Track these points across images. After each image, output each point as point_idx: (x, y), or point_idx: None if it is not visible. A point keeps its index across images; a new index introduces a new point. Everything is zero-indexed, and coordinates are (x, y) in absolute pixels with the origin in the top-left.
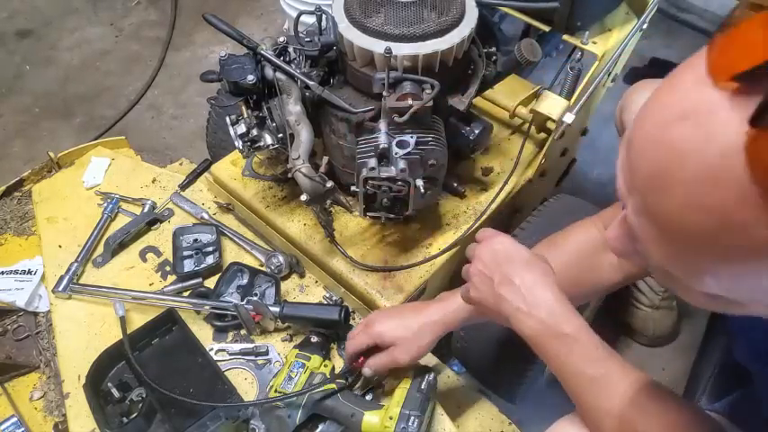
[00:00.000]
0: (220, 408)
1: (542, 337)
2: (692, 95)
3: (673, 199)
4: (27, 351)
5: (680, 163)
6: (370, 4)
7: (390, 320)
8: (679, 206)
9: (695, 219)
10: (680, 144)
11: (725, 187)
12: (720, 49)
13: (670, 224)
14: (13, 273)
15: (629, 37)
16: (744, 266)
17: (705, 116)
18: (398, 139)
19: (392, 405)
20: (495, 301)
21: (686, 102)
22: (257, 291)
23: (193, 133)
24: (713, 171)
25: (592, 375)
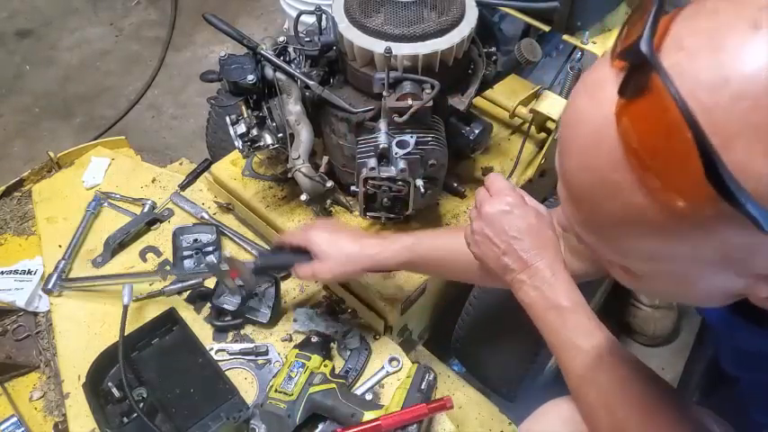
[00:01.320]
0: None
1: (540, 307)
2: (596, 71)
3: (571, 160)
4: (27, 351)
5: (576, 128)
6: (370, 4)
7: (327, 235)
8: (574, 167)
9: (584, 178)
10: (577, 112)
11: (605, 150)
12: (620, 33)
13: (570, 185)
14: (13, 273)
15: None
16: (627, 231)
17: (598, 88)
18: (398, 139)
19: (392, 405)
20: (498, 265)
21: (591, 76)
22: (257, 290)
23: (193, 133)
24: (598, 135)
25: (583, 347)
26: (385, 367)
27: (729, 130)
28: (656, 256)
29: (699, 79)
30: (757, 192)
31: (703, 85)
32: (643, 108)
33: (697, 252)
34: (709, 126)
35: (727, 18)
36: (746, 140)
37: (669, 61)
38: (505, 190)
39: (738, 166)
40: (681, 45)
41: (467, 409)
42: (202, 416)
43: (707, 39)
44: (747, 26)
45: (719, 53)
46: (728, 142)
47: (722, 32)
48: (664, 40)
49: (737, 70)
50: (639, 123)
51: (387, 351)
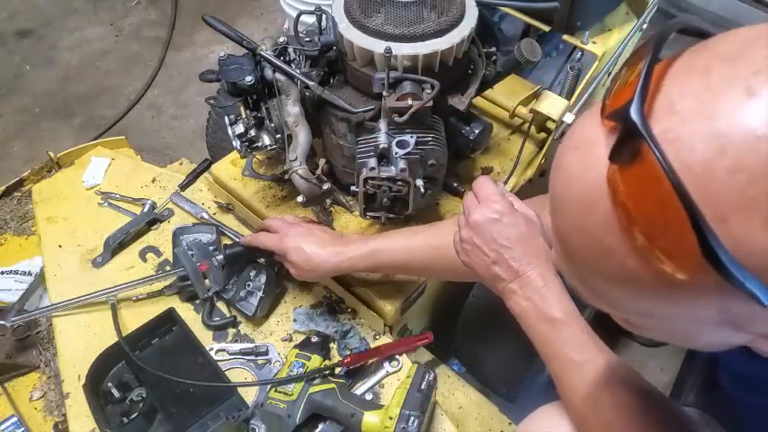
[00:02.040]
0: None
1: (532, 318)
2: (586, 128)
3: (564, 219)
4: (27, 351)
5: (568, 188)
6: (370, 4)
7: (299, 242)
8: (567, 227)
9: (578, 238)
10: (569, 170)
11: (598, 213)
12: (611, 90)
13: (564, 243)
14: (13, 273)
15: (629, 37)
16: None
17: (589, 147)
18: (398, 139)
19: (392, 405)
20: (488, 275)
21: (581, 133)
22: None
23: (193, 133)
24: (590, 197)
25: (575, 360)
26: (385, 367)
27: (726, 204)
28: (652, 315)
29: (693, 149)
30: (756, 266)
31: (698, 155)
32: (635, 175)
33: (696, 314)
34: (705, 198)
35: (721, 80)
36: (744, 214)
37: (661, 126)
38: (494, 196)
39: (735, 239)
40: (673, 108)
41: (467, 409)
42: (202, 415)
43: (700, 103)
44: (741, 92)
45: (714, 120)
46: (725, 215)
47: (716, 97)
48: (655, 100)
49: (733, 141)
50: (632, 190)
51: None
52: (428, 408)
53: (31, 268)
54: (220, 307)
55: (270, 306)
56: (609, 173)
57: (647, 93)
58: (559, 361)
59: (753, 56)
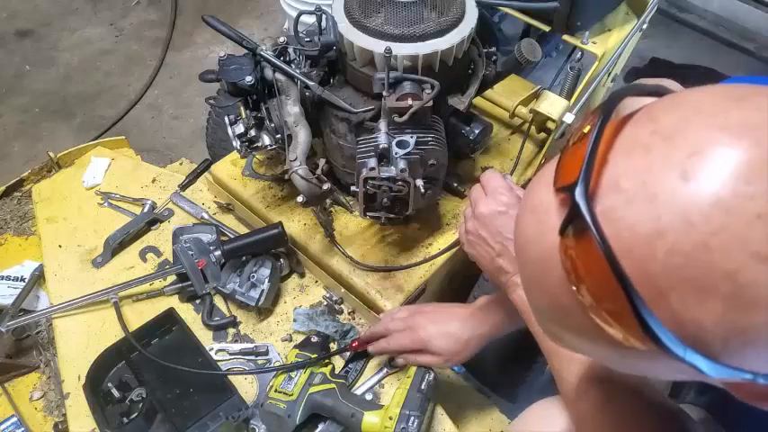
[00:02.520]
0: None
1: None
2: (541, 193)
3: (524, 274)
4: (27, 351)
5: (525, 248)
6: (370, 4)
7: (435, 328)
8: (527, 282)
9: (537, 295)
10: (526, 231)
11: (552, 276)
12: (563, 158)
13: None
14: (5, 279)
15: (629, 37)
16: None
17: (543, 213)
18: (398, 139)
19: (392, 405)
20: (492, 267)
21: (537, 197)
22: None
23: (193, 133)
24: (545, 260)
25: (575, 355)
26: (385, 367)
27: (664, 283)
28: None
29: (634, 230)
30: (697, 340)
31: (639, 236)
32: (582, 250)
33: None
34: (644, 277)
35: (659, 161)
36: (680, 293)
37: (605, 204)
38: (501, 189)
39: (675, 316)
40: (618, 186)
41: (467, 409)
42: (201, 416)
43: (641, 184)
44: (677, 176)
45: (654, 204)
46: (664, 293)
47: (654, 178)
48: (602, 174)
49: (671, 225)
50: (579, 263)
51: None
52: (428, 408)
53: (22, 273)
54: (221, 306)
55: (273, 297)
56: (559, 243)
57: (591, 174)
58: (559, 355)
59: (690, 135)
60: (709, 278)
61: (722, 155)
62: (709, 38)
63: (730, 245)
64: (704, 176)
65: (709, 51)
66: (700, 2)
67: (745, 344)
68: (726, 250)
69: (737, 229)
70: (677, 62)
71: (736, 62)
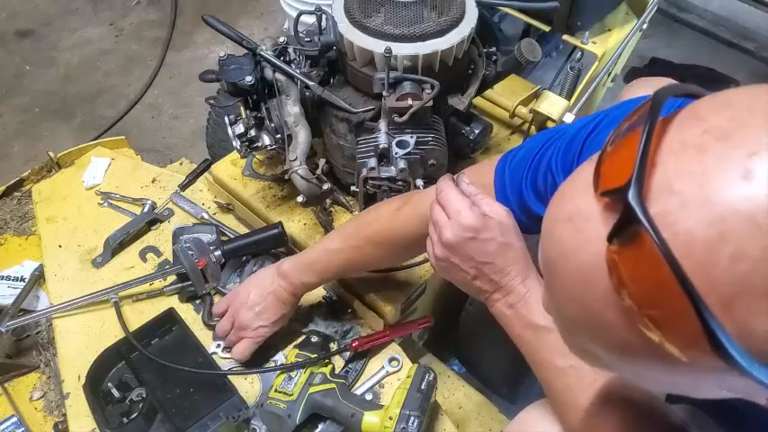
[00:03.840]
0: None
1: (515, 326)
2: (577, 200)
3: (558, 289)
4: (27, 351)
5: (562, 260)
6: (370, 4)
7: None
8: (562, 297)
9: (574, 309)
10: (562, 242)
11: (594, 289)
12: (604, 161)
13: (558, 309)
14: (5, 279)
15: (629, 37)
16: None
17: (583, 222)
18: (398, 139)
19: (392, 405)
20: (470, 289)
21: (573, 205)
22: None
23: (193, 133)
24: (586, 273)
25: (560, 366)
26: (385, 367)
27: (729, 290)
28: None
29: (693, 234)
30: (761, 351)
31: (699, 241)
32: (635, 257)
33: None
34: (707, 284)
35: (716, 162)
36: (748, 300)
37: (659, 207)
38: (463, 212)
39: (740, 326)
40: (671, 189)
41: (467, 409)
42: (202, 415)
43: (697, 186)
44: (739, 176)
45: (713, 206)
46: (729, 302)
47: (713, 180)
48: (651, 177)
49: (734, 229)
50: (633, 272)
51: (387, 351)
52: (428, 408)
53: (22, 273)
54: None
55: None
56: (607, 253)
57: (644, 176)
58: (545, 368)
59: (748, 134)
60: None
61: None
62: (709, 38)
63: None
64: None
65: (709, 51)
66: (700, 2)
67: None
68: None
69: None
70: (677, 62)
71: (736, 62)
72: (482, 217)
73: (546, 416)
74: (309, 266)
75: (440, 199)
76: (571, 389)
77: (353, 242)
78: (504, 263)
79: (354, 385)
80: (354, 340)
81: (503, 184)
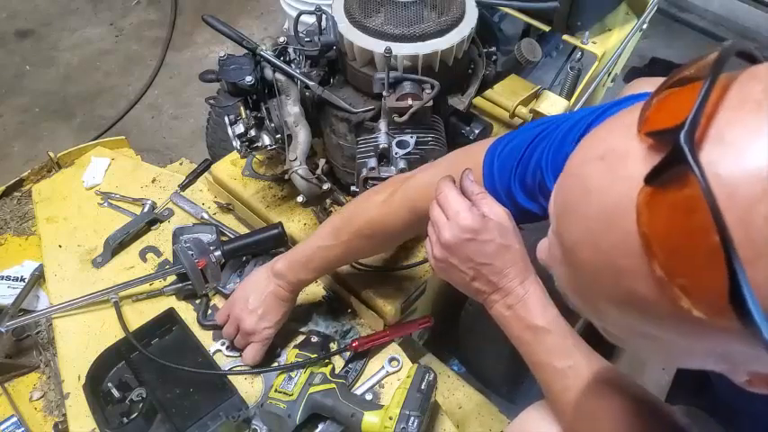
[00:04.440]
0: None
1: (514, 327)
2: (614, 138)
3: (574, 231)
4: (27, 351)
5: (585, 198)
6: (370, 4)
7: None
8: (577, 239)
9: (588, 255)
10: (590, 180)
11: (616, 232)
12: (654, 104)
13: (570, 254)
14: (5, 279)
15: (629, 37)
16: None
17: (618, 160)
18: (398, 139)
19: (392, 405)
20: (469, 290)
21: (609, 142)
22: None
23: (193, 133)
24: (609, 213)
25: (559, 367)
26: (385, 367)
27: (758, 248)
28: (649, 337)
29: (737, 186)
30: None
31: (740, 194)
32: (671, 202)
33: (695, 346)
34: (738, 238)
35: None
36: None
37: (708, 157)
38: (461, 211)
39: (759, 287)
40: (723, 139)
41: (467, 409)
42: (201, 415)
43: (750, 140)
44: None
45: (762, 160)
46: (754, 260)
47: (765, 136)
48: (707, 126)
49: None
50: (666, 218)
51: (387, 351)
52: (428, 408)
53: (22, 273)
54: (221, 306)
55: None
56: (641, 194)
57: (700, 120)
58: (544, 369)
59: None
60: None
61: None
62: (709, 38)
63: None
64: None
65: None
66: (700, 2)
67: None
68: None
69: None
70: (677, 62)
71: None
72: (481, 218)
73: (546, 417)
74: (304, 265)
75: (439, 200)
76: (570, 390)
77: (345, 237)
78: (503, 264)
79: (354, 385)
80: (354, 340)
81: (491, 174)
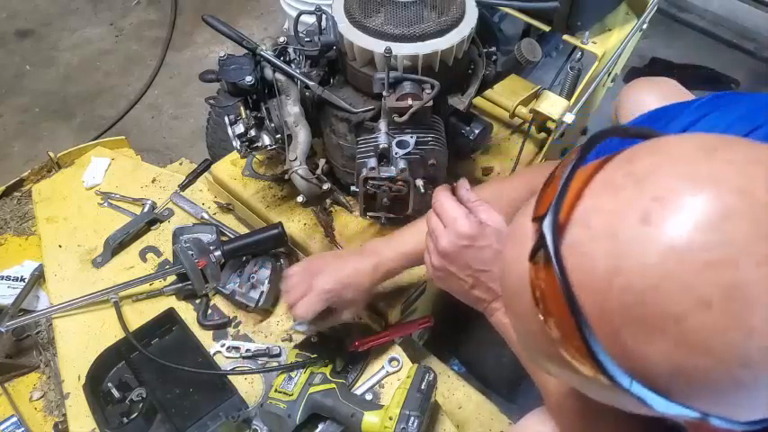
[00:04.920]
0: (220, 407)
1: (513, 333)
2: (524, 222)
3: (504, 297)
4: (27, 351)
5: (504, 274)
6: (370, 4)
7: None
8: (506, 304)
9: (513, 319)
10: (505, 259)
11: (524, 302)
12: (542, 191)
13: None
14: (5, 279)
15: (628, 37)
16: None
17: (521, 241)
18: (398, 139)
19: (392, 405)
20: (468, 298)
21: (518, 226)
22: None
23: (193, 133)
24: (518, 287)
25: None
26: (385, 367)
27: (617, 319)
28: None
29: (595, 266)
30: (645, 374)
31: (598, 271)
32: (545, 279)
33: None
34: (599, 311)
35: (625, 203)
36: (632, 329)
37: (573, 237)
38: (459, 220)
39: (625, 350)
40: (587, 222)
41: (467, 409)
42: (201, 415)
43: (607, 223)
44: (638, 219)
45: (614, 242)
46: (616, 328)
47: (619, 219)
48: (575, 209)
49: (626, 263)
50: (543, 290)
51: (387, 351)
52: (428, 408)
53: (22, 273)
54: (221, 306)
55: (273, 298)
56: (529, 269)
57: (561, 207)
58: (543, 375)
59: (658, 180)
60: (658, 319)
61: (683, 203)
62: (709, 38)
63: (679, 289)
64: (662, 222)
65: (709, 51)
66: (700, 2)
67: (690, 384)
68: (674, 294)
69: (687, 276)
70: (677, 62)
71: (736, 62)
72: (478, 224)
73: (546, 422)
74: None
75: (436, 208)
76: (570, 395)
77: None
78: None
79: (354, 385)
80: (354, 340)
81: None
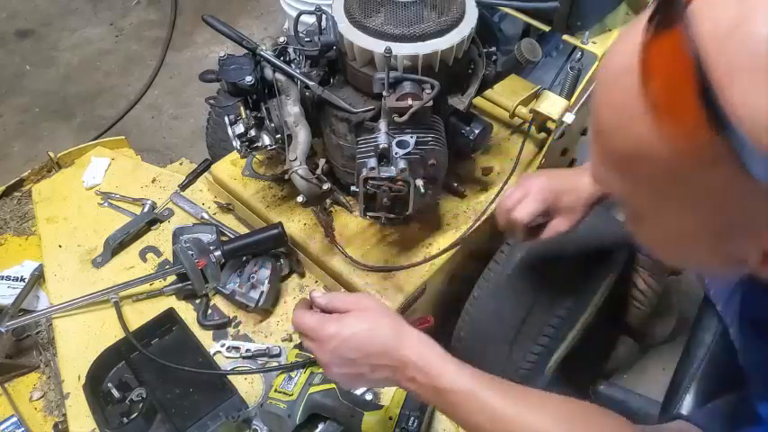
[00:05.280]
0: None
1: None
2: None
3: (597, 97)
4: (27, 351)
5: (606, 64)
6: (370, 4)
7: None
8: (598, 100)
9: (605, 111)
10: (611, 49)
11: (626, 82)
12: None
13: (594, 119)
14: (5, 279)
15: None
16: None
17: (637, 24)
18: (398, 139)
19: (392, 405)
20: (381, 384)
21: (621, 34)
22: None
23: (193, 133)
24: (622, 67)
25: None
26: None
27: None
28: (671, 198)
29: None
30: (752, 133)
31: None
32: (664, 40)
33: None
34: (716, 65)
35: None
36: (749, 77)
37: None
38: (317, 326)
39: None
40: None
41: None
42: (201, 415)
43: None
44: None
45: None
46: (730, 81)
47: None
48: None
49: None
50: (658, 55)
51: None
52: (428, 408)
53: (22, 273)
54: (221, 306)
55: (273, 298)
56: (643, 39)
57: None
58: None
59: None
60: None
61: None
62: None
63: None
64: None
65: None
66: None
67: None
68: None
69: None
70: None
71: None
72: (336, 320)
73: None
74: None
75: (297, 329)
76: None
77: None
78: (380, 345)
79: None
80: None
81: None
